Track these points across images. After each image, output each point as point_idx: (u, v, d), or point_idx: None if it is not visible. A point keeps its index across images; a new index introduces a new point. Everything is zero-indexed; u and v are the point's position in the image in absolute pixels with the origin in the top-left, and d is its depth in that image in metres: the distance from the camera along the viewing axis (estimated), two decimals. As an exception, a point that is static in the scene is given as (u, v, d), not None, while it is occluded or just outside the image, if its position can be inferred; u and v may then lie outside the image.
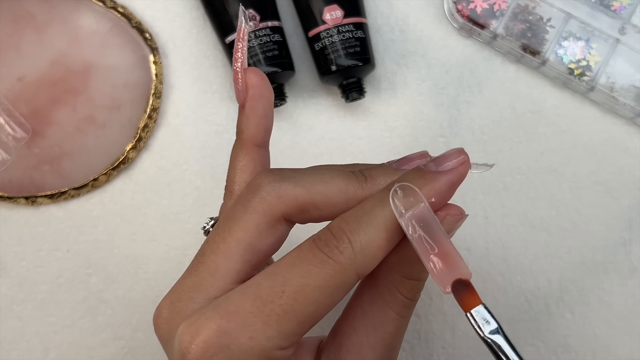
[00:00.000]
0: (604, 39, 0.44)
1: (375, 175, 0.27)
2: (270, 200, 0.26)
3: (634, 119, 0.44)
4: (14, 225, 0.44)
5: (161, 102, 0.45)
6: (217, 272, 0.26)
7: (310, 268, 0.24)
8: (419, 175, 0.26)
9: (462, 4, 0.44)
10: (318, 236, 0.25)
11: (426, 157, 0.28)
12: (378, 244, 0.25)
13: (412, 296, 0.28)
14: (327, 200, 0.26)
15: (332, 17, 0.42)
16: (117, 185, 0.44)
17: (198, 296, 0.26)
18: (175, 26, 0.46)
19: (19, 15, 0.44)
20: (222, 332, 0.23)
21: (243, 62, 0.29)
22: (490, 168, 0.29)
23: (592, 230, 0.44)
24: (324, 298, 0.24)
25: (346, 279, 0.24)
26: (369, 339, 0.28)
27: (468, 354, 0.43)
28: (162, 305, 0.27)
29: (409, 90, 0.45)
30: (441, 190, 0.26)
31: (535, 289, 0.43)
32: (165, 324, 0.26)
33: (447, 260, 0.24)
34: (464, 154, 0.27)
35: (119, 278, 0.43)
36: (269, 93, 0.30)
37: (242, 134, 0.30)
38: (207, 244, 0.27)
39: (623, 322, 0.43)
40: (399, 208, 0.25)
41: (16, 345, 0.43)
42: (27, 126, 0.42)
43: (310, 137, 0.45)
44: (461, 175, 0.26)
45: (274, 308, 0.23)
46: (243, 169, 0.30)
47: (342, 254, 0.24)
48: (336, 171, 0.27)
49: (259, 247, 0.26)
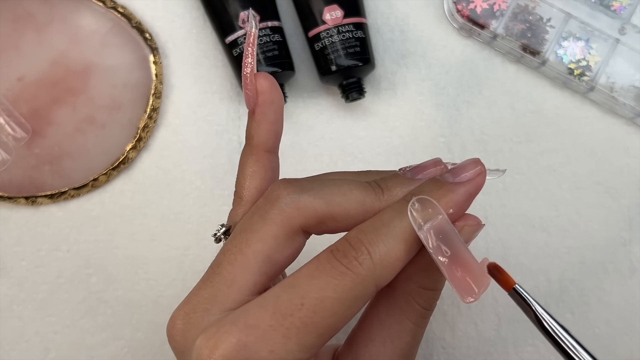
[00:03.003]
0: (604, 39, 0.44)
1: (391, 186, 0.27)
2: (289, 212, 0.26)
3: (634, 119, 0.44)
4: (14, 225, 0.44)
5: (161, 102, 0.45)
6: (233, 283, 0.26)
7: (329, 280, 0.24)
8: (436, 187, 0.26)
9: (462, 4, 0.44)
10: (336, 247, 0.25)
11: (439, 164, 0.28)
12: (397, 255, 0.25)
13: (428, 306, 0.28)
14: (345, 213, 0.26)
15: (332, 17, 0.42)
16: (117, 185, 0.44)
17: (214, 308, 0.26)
18: (175, 26, 0.46)
19: (19, 15, 0.44)
20: (242, 345, 0.23)
21: (253, 67, 0.29)
22: (504, 173, 0.29)
23: (592, 230, 0.44)
24: (343, 310, 0.24)
25: (365, 290, 0.24)
26: (386, 349, 0.28)
27: (468, 354, 0.43)
28: (176, 316, 0.27)
29: (409, 90, 0.45)
30: (459, 202, 0.26)
31: (535, 289, 0.43)
32: (180, 336, 0.26)
33: (467, 270, 0.25)
34: (480, 164, 0.27)
35: (119, 278, 0.43)
36: (279, 98, 0.29)
37: (252, 140, 0.30)
38: (224, 255, 0.27)
39: (623, 322, 0.43)
40: (418, 221, 0.25)
41: (16, 345, 0.43)
42: (27, 126, 0.42)
43: (310, 137, 0.45)
44: (478, 185, 0.27)
45: (294, 321, 0.23)
46: (253, 175, 0.30)
47: (361, 265, 0.24)
48: (353, 182, 0.27)
49: (277, 258, 0.26)
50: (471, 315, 0.43)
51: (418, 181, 0.28)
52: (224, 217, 0.46)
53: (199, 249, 0.43)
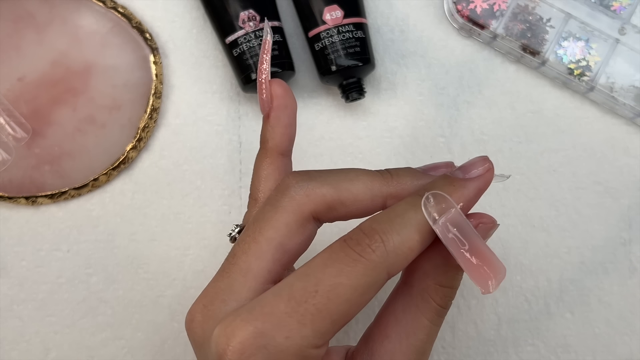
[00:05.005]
0: (604, 39, 0.44)
1: (401, 174, 0.28)
2: (299, 199, 0.27)
3: (634, 119, 0.44)
4: (14, 225, 0.44)
5: (161, 102, 0.45)
6: (249, 272, 0.26)
7: (342, 267, 0.24)
8: (448, 183, 0.27)
9: (462, 4, 0.44)
10: (349, 236, 0.25)
11: (451, 167, 0.30)
12: (410, 245, 0.25)
13: (444, 304, 0.28)
14: (353, 197, 0.27)
15: (332, 17, 0.42)
16: (117, 185, 0.44)
17: (230, 298, 0.26)
18: (175, 26, 0.46)
19: (19, 16, 0.44)
20: (258, 333, 0.24)
21: (268, 73, 0.30)
22: (507, 179, 0.31)
23: (592, 230, 0.44)
24: (356, 296, 0.24)
25: (377, 277, 0.25)
26: (402, 346, 0.28)
27: (468, 354, 0.43)
28: (194, 310, 0.27)
29: (409, 90, 0.45)
30: (469, 197, 0.27)
31: (535, 289, 0.43)
32: (199, 328, 0.27)
33: (484, 259, 0.26)
34: (488, 161, 0.28)
35: (119, 278, 0.43)
36: (293, 103, 0.31)
37: (266, 143, 0.31)
38: (238, 245, 0.27)
39: (623, 322, 0.43)
40: (432, 214, 0.26)
41: (16, 345, 0.43)
42: (27, 126, 0.42)
43: (310, 137, 0.45)
44: (487, 181, 0.28)
45: (308, 308, 0.24)
46: (267, 178, 0.31)
47: (374, 252, 0.25)
48: (361, 170, 0.28)
49: (289, 246, 0.27)
50: (471, 315, 0.43)
51: (428, 175, 0.29)
52: (224, 217, 0.46)
53: (199, 249, 0.43)
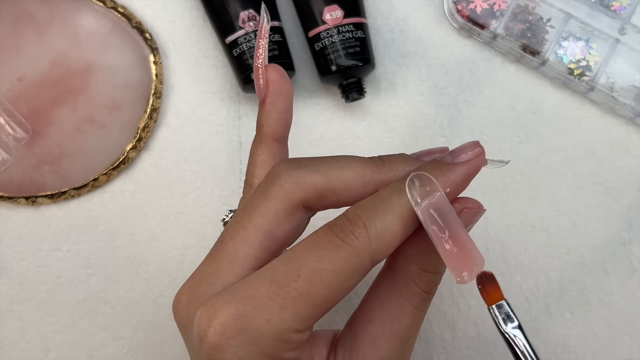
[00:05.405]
0: (604, 39, 0.44)
1: (393, 161, 0.28)
2: (288, 187, 0.27)
3: (634, 119, 0.44)
4: (14, 225, 0.44)
5: (161, 102, 0.45)
6: (235, 257, 0.26)
7: (325, 252, 0.24)
8: (435, 166, 0.27)
9: (462, 4, 0.44)
10: (334, 222, 0.25)
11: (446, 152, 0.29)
12: (393, 231, 0.25)
13: (428, 289, 0.28)
14: (345, 185, 0.27)
15: (332, 17, 0.42)
16: (117, 185, 0.44)
17: (216, 282, 0.26)
18: (175, 26, 0.46)
19: (19, 16, 0.44)
20: (239, 315, 0.24)
21: (264, 59, 0.30)
22: (506, 164, 0.30)
23: (592, 230, 0.44)
24: (338, 282, 0.24)
25: (361, 263, 0.25)
26: (385, 331, 0.28)
27: (468, 354, 0.43)
28: (181, 292, 0.27)
29: (409, 90, 0.45)
30: (456, 181, 0.27)
31: (535, 289, 0.43)
32: (184, 310, 0.27)
33: (462, 248, 0.25)
34: (479, 146, 0.28)
35: (119, 278, 0.43)
36: (289, 89, 0.30)
37: (262, 129, 0.31)
38: (227, 231, 0.27)
39: (623, 322, 0.43)
40: (415, 197, 0.25)
41: (16, 345, 0.43)
42: (27, 126, 0.42)
43: (310, 137, 0.45)
44: (476, 166, 0.27)
45: (290, 291, 0.24)
46: (262, 163, 0.31)
47: (357, 238, 0.24)
48: (353, 157, 0.28)
49: (278, 233, 0.27)
50: (471, 315, 0.43)
51: (420, 161, 0.28)
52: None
53: (199, 249, 0.43)
